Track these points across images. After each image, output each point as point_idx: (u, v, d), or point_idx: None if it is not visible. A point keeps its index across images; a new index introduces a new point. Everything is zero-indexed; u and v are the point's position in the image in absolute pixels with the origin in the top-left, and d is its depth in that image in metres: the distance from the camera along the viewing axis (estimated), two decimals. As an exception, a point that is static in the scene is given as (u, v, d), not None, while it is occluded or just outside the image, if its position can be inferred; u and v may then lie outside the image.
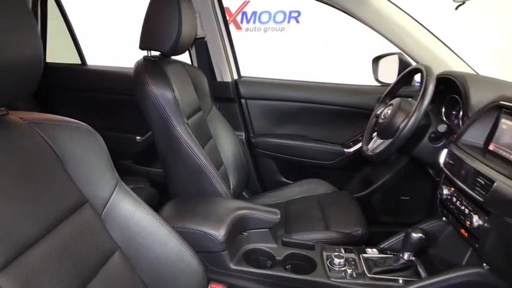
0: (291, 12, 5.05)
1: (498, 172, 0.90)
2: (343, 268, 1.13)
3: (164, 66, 1.36)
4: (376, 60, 1.76)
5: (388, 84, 1.54)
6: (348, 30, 3.78)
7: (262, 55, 4.28)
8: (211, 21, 1.82)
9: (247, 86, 1.95)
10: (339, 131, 1.88)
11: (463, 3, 1.19)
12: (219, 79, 1.92)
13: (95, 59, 2.27)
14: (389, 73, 1.66)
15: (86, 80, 2.15)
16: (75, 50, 2.19)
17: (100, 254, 0.75)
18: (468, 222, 1.00)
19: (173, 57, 1.52)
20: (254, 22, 5.14)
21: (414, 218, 1.65)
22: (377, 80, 1.77)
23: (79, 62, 2.22)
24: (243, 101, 1.96)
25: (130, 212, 0.82)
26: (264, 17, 5.13)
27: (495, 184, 0.87)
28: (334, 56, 4.57)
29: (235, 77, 1.98)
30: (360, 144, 1.76)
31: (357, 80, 1.93)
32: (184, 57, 1.62)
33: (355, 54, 3.82)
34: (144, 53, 1.43)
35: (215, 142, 1.61)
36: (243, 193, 1.82)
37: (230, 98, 1.94)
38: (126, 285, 0.80)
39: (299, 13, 5.02)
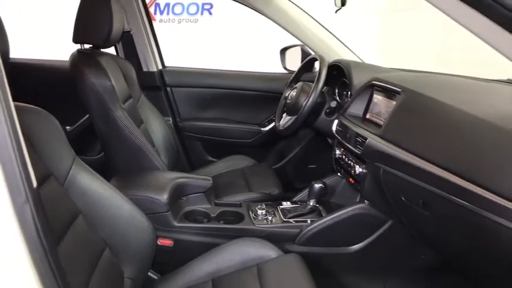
0: (203, 4, 5.19)
1: (370, 133, 1.22)
2: (265, 217, 1.41)
3: (98, 57, 1.47)
4: (283, 51, 2.06)
5: (293, 71, 1.81)
6: (257, 23, 4.05)
7: (179, 46, 4.36)
8: (135, 16, 1.96)
9: (171, 75, 2.12)
10: (255, 113, 2.15)
11: (340, 8, 1.51)
12: (145, 69, 2.07)
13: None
14: (294, 62, 1.95)
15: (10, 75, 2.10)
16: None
17: (67, 216, 0.89)
18: (353, 171, 1.34)
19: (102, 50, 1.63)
20: (168, 13, 5.18)
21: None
22: (285, 68, 2.08)
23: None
24: (168, 89, 2.12)
25: (88, 182, 0.98)
26: (178, 9, 5.20)
27: (367, 140, 1.19)
28: (246, 46, 4.84)
29: (160, 67, 2.14)
30: (273, 123, 2.05)
31: (265, 68, 2.22)
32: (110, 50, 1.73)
33: (264, 44, 4.13)
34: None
35: (146, 127, 1.75)
36: (174, 172, 1.99)
37: (156, 86, 2.09)
38: (90, 241, 0.95)
39: (211, 5, 5.18)
